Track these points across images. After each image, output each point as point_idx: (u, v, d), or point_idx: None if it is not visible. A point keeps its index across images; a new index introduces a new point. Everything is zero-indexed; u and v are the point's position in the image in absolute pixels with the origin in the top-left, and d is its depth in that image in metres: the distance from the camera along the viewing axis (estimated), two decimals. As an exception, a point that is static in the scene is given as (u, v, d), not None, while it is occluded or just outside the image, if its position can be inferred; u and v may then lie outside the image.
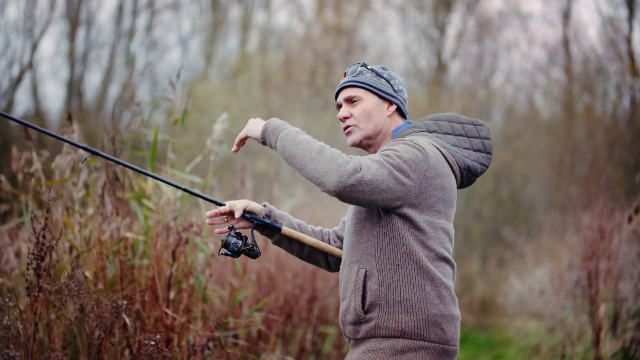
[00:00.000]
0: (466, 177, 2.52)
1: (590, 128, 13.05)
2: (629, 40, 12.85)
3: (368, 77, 2.56)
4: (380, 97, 2.56)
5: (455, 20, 15.98)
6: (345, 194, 2.24)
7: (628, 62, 12.81)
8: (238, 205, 2.60)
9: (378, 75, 2.57)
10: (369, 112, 2.53)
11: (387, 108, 2.57)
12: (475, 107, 14.71)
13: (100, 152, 2.59)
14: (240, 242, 2.56)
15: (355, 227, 2.45)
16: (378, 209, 2.38)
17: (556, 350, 6.87)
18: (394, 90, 2.58)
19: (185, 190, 2.65)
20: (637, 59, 12.74)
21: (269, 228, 2.67)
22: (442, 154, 2.44)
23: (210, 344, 3.44)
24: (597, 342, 5.88)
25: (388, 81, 2.58)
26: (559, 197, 12.41)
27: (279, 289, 5.33)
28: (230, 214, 2.63)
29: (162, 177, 2.67)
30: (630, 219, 5.83)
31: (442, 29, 15.79)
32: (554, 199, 12.74)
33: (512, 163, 13.86)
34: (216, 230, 2.62)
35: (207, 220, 2.62)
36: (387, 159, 2.31)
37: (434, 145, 2.43)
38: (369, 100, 2.54)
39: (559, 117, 14.47)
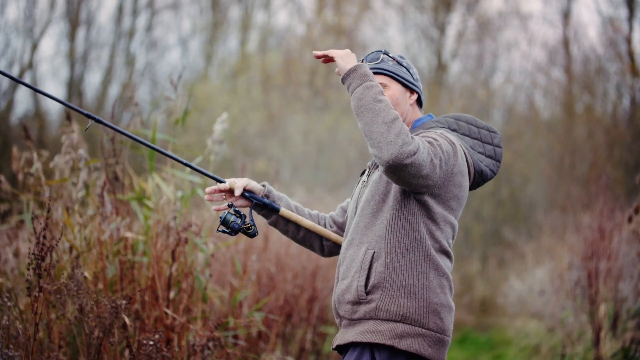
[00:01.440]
0: (477, 180, 2.53)
1: (590, 128, 13.04)
2: (629, 40, 12.84)
3: (390, 65, 2.54)
4: (403, 85, 2.55)
5: (455, 20, 15.98)
6: (393, 169, 2.23)
7: (628, 62, 12.80)
8: (238, 184, 2.59)
9: (399, 63, 2.56)
10: (395, 100, 2.51)
11: (409, 97, 2.56)
12: (475, 107, 14.69)
13: (104, 121, 2.60)
14: (239, 220, 2.55)
15: (372, 209, 2.43)
16: (396, 192, 2.39)
17: (556, 350, 6.87)
18: (414, 79, 2.58)
19: (185, 164, 2.63)
20: (637, 59, 12.73)
21: (267, 208, 2.66)
22: (465, 153, 2.45)
23: (210, 344, 3.44)
24: (597, 342, 5.87)
25: (408, 70, 2.57)
26: (559, 197, 12.40)
27: (279, 289, 5.32)
28: (230, 191, 2.61)
29: (162, 149, 2.65)
30: (630, 219, 5.82)
31: (442, 29, 15.78)
32: (554, 199, 12.73)
33: (512, 163, 13.83)
34: (213, 208, 2.61)
35: (206, 197, 2.61)
36: (430, 147, 2.31)
37: (459, 144, 2.45)
38: (394, 88, 2.52)
39: (559, 117, 14.46)
